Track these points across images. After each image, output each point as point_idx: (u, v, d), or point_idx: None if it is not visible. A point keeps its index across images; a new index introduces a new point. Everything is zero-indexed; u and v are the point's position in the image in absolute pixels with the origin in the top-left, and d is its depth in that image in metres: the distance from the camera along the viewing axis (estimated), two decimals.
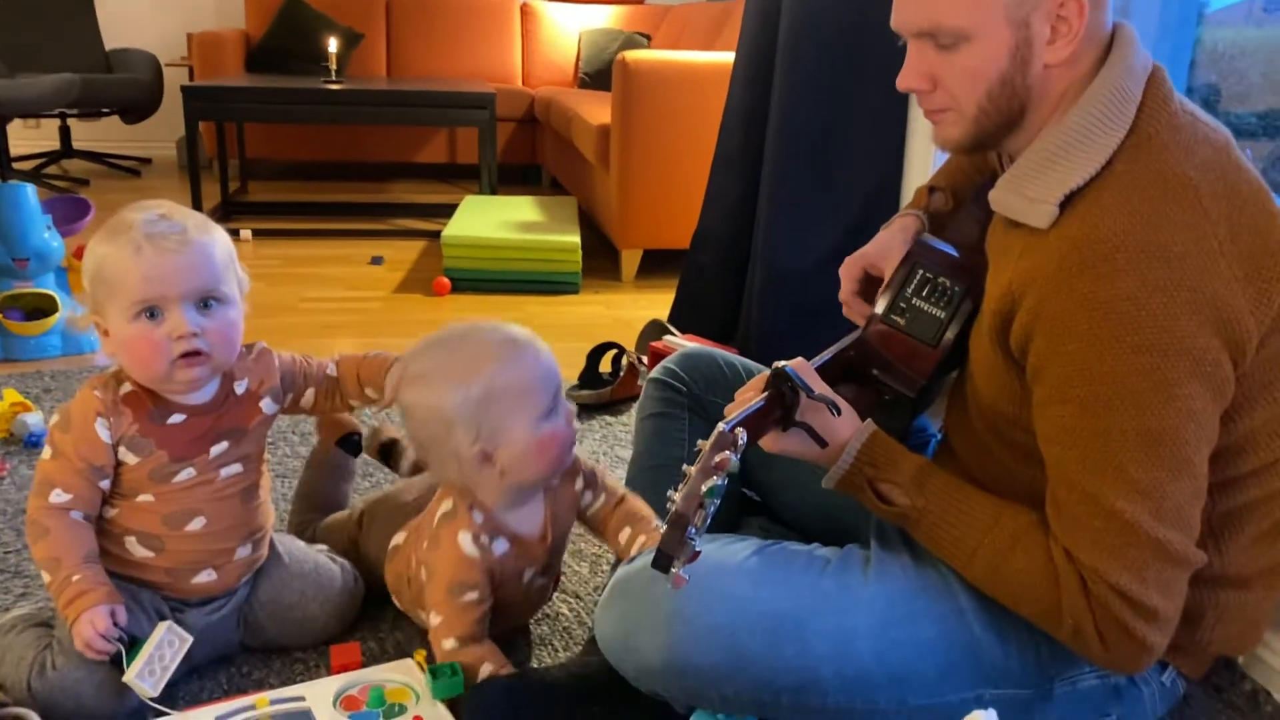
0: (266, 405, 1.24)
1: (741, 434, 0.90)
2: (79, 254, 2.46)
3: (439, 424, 1.13)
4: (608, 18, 5.46)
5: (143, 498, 1.17)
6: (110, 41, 5.12)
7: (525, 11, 5.47)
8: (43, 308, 2.37)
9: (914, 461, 1.04)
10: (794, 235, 2.11)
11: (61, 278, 2.45)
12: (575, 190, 4.17)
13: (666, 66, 3.11)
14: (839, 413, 1.04)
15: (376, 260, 3.44)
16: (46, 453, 1.16)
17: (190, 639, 1.15)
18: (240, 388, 1.22)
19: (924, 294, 1.13)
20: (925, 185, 1.33)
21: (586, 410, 2.16)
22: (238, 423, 1.21)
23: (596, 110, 3.55)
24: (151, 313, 1.09)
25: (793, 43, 2.09)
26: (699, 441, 0.90)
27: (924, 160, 2.00)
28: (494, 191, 3.92)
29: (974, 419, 1.11)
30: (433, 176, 5.38)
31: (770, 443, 1.03)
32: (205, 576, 1.21)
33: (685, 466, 0.88)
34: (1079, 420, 0.92)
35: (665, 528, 0.86)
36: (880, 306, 1.15)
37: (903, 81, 1.03)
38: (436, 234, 3.56)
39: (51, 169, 4.97)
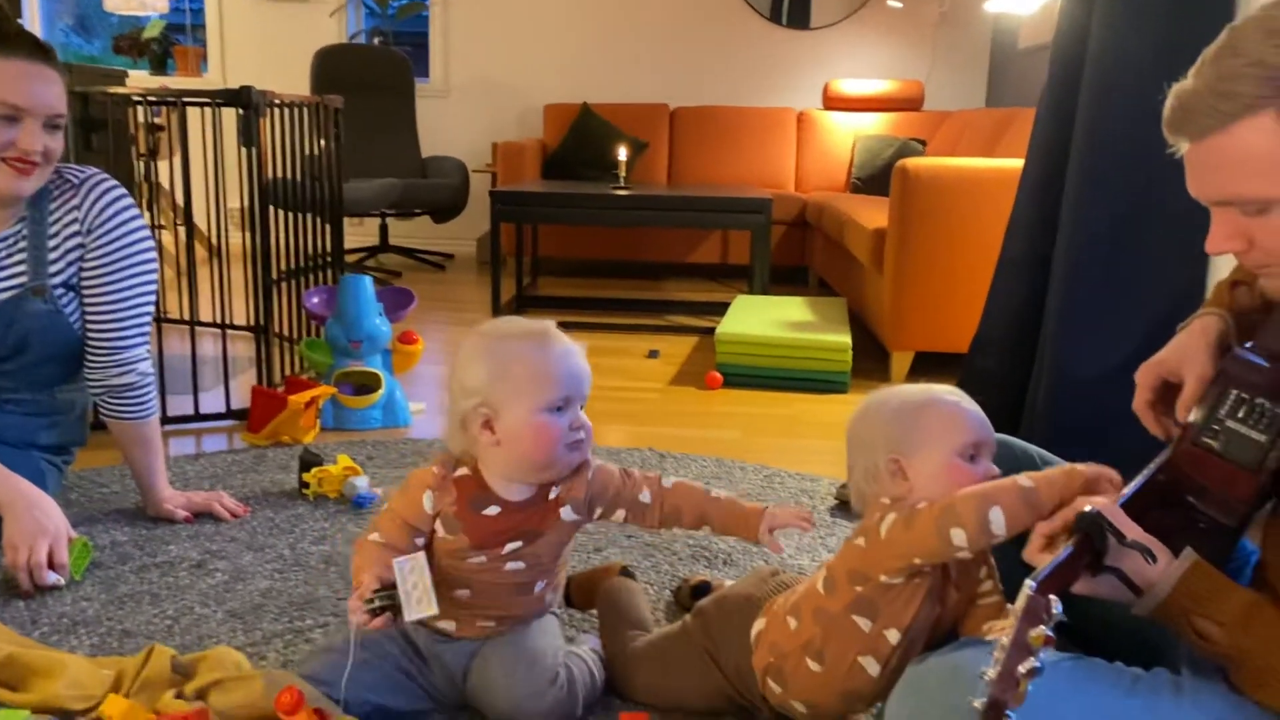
0: (565, 513, 1.30)
1: (1055, 604, 0.84)
2: (404, 339, 2.77)
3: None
4: (882, 124, 5.54)
5: (443, 562, 1.30)
6: (426, 150, 5.76)
7: (802, 120, 5.65)
8: (369, 384, 2.68)
9: (1241, 598, 0.97)
10: (1085, 342, 2.05)
11: (386, 359, 2.76)
12: (844, 291, 4.22)
13: (946, 172, 3.13)
14: (1154, 560, 0.97)
15: (653, 354, 3.63)
16: (384, 506, 1.33)
17: (421, 553, 1.23)
18: (553, 492, 1.30)
19: (1239, 416, 1.04)
20: (1227, 280, 1.24)
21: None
22: (536, 524, 1.29)
23: (871, 214, 3.61)
24: (560, 408, 1.24)
25: (1089, 146, 2.06)
26: (1006, 605, 0.87)
27: (1230, 264, 1.90)
28: (765, 291, 4.04)
29: None
30: (705, 275, 5.61)
31: (1078, 588, 0.98)
32: (445, 624, 1.31)
33: (997, 637, 0.83)
34: None
35: (981, 714, 0.80)
36: (1191, 427, 1.08)
37: (1212, 246, 0.98)
38: (708, 330, 3.70)
39: (370, 262, 5.60)
